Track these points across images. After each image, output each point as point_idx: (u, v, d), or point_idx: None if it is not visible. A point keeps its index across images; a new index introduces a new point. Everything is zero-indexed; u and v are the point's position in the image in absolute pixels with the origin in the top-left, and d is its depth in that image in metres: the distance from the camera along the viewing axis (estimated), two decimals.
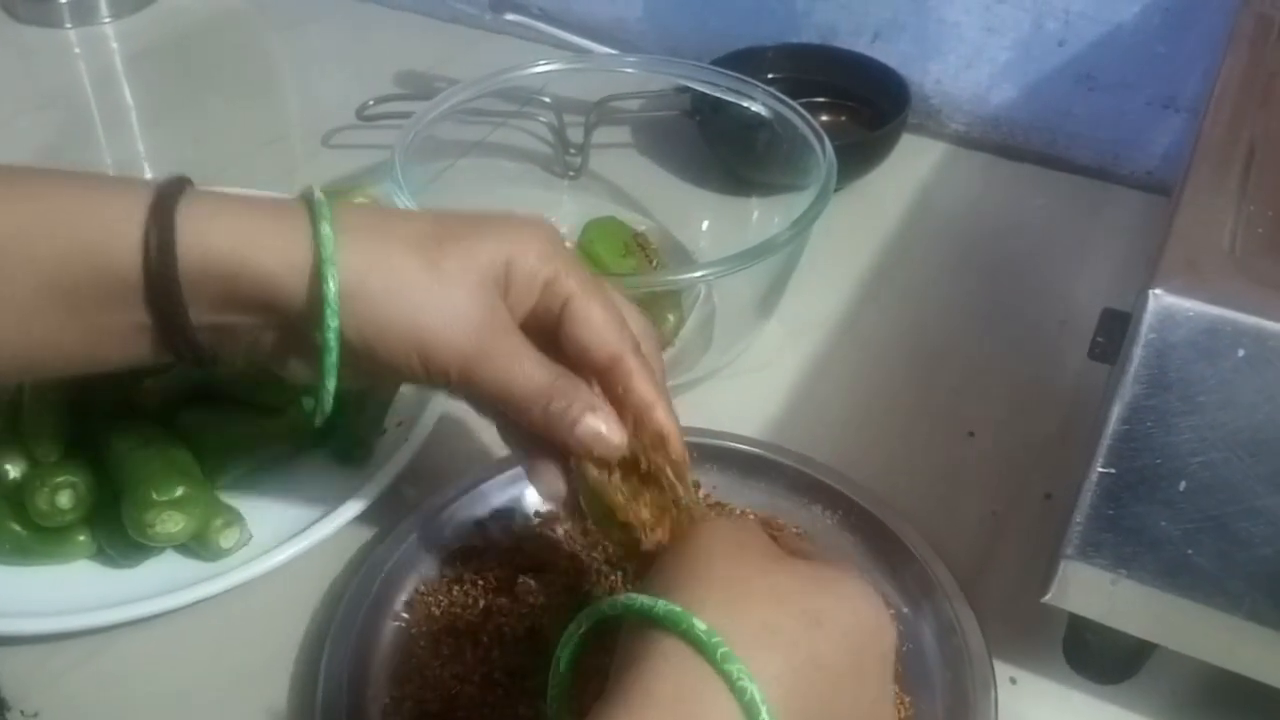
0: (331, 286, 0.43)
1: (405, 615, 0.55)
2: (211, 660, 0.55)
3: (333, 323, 0.44)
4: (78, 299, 0.44)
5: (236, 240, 0.44)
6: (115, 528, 0.56)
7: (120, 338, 0.45)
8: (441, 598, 0.55)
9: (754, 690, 0.35)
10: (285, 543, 0.57)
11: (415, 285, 0.45)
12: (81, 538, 0.57)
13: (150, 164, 0.92)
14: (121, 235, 0.43)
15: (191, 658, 0.55)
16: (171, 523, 0.55)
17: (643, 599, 0.38)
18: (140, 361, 0.47)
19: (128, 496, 0.55)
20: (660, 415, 0.47)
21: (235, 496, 0.59)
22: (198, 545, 0.57)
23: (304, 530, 0.57)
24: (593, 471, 0.46)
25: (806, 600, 0.39)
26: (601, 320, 0.47)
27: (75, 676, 0.54)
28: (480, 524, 0.59)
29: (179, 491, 0.55)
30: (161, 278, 0.43)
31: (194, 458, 0.57)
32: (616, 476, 0.46)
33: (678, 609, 0.37)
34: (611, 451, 0.45)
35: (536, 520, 0.60)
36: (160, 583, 0.56)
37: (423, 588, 0.56)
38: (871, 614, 0.40)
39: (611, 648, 0.39)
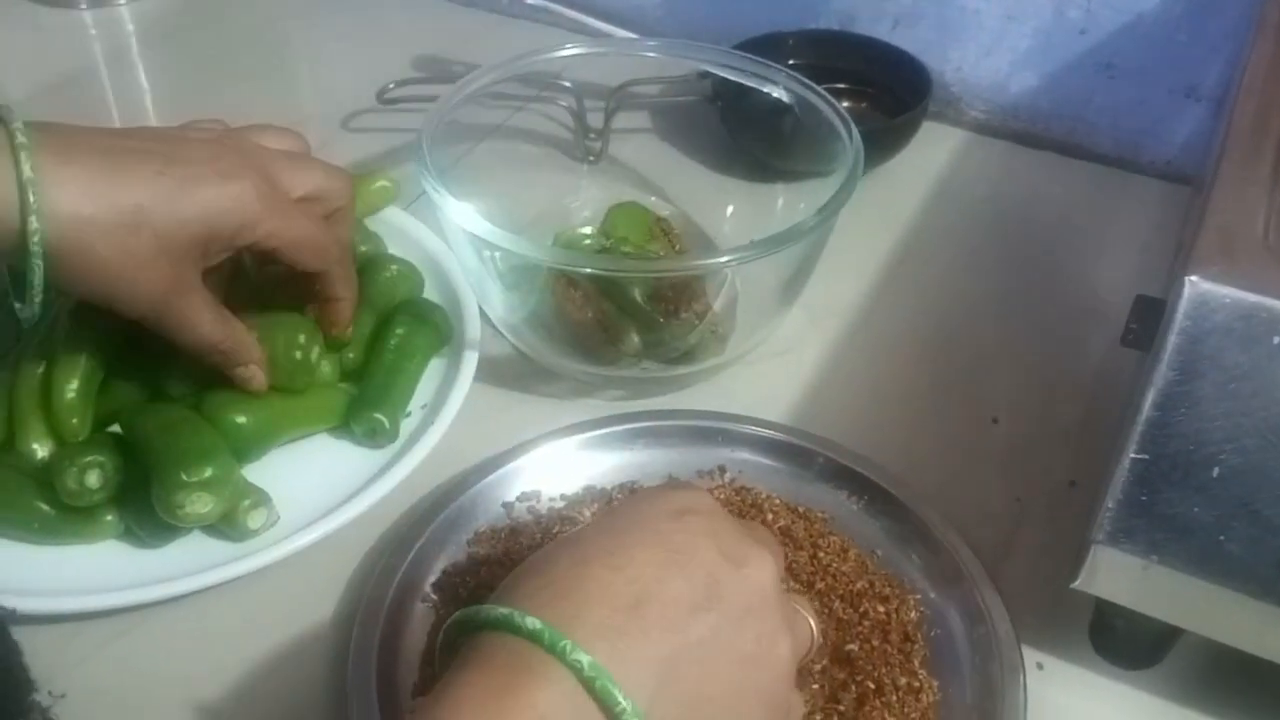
0: (37, 242, 0.50)
1: (434, 595, 0.55)
2: (239, 641, 0.55)
3: (38, 264, 0.50)
4: None
5: None
6: (143, 508, 0.56)
7: None
8: (469, 578, 0.56)
9: (567, 644, 0.36)
10: (312, 524, 0.57)
11: (110, 258, 0.52)
12: (109, 517, 0.57)
13: None
14: None
15: (219, 638, 0.55)
16: (201, 503, 0.55)
17: (461, 614, 0.39)
18: None
19: (157, 477, 0.55)
20: (343, 307, 0.63)
21: (263, 478, 0.59)
22: (225, 526, 0.57)
23: (331, 512, 0.58)
24: None
25: (631, 589, 0.39)
26: (306, 257, 0.59)
27: (102, 657, 0.54)
28: (507, 505, 0.59)
29: (208, 472, 0.55)
30: None
31: (222, 439, 0.57)
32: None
33: (488, 607, 0.38)
34: (256, 390, 0.60)
35: (562, 502, 0.60)
36: (188, 563, 0.57)
37: (450, 568, 0.56)
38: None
39: None
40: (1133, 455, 0.46)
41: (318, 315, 0.63)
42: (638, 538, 0.41)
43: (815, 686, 0.51)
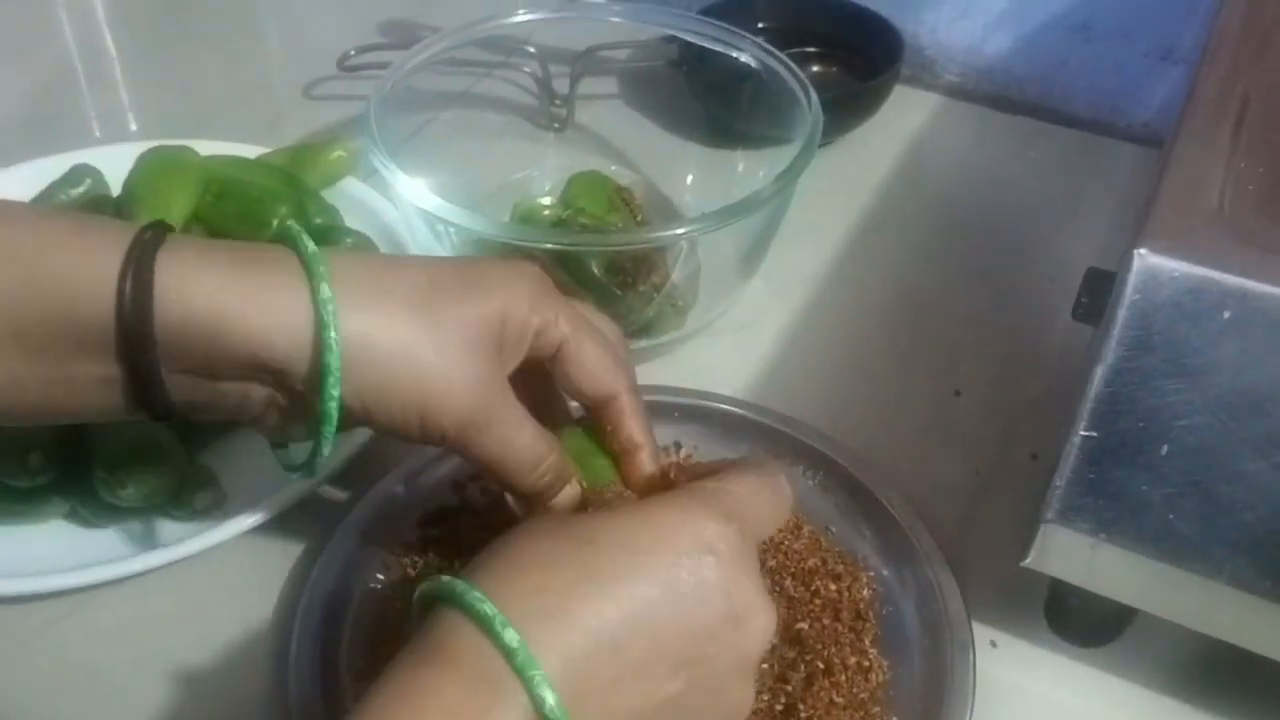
0: (335, 356, 0.42)
1: (381, 576, 0.54)
2: (186, 622, 0.54)
3: (334, 392, 0.42)
4: (42, 345, 0.41)
5: (222, 295, 0.42)
6: (87, 488, 0.56)
7: (86, 389, 0.43)
8: (418, 558, 0.55)
9: (538, 675, 0.35)
10: (260, 503, 0.56)
11: (418, 347, 0.43)
12: (54, 499, 0.57)
13: (134, 114, 0.91)
14: (94, 281, 0.41)
15: (166, 619, 0.55)
16: (143, 483, 0.54)
17: (448, 582, 0.37)
18: (108, 415, 0.44)
19: (98, 457, 0.54)
20: (644, 458, 0.48)
21: (209, 457, 0.59)
22: (171, 506, 0.56)
23: (279, 490, 0.57)
24: None
25: (584, 564, 0.38)
26: (594, 361, 0.47)
27: (48, 637, 0.54)
28: (459, 485, 0.58)
29: (150, 452, 0.54)
30: (136, 332, 0.41)
31: None
32: None
33: (453, 580, 0.37)
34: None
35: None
36: (134, 543, 0.56)
37: (399, 548, 0.55)
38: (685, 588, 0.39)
39: None
40: (1082, 432, 0.45)
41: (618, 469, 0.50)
42: (648, 570, 0.38)
43: (764, 666, 0.50)
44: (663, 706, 0.38)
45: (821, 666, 0.50)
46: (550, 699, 0.35)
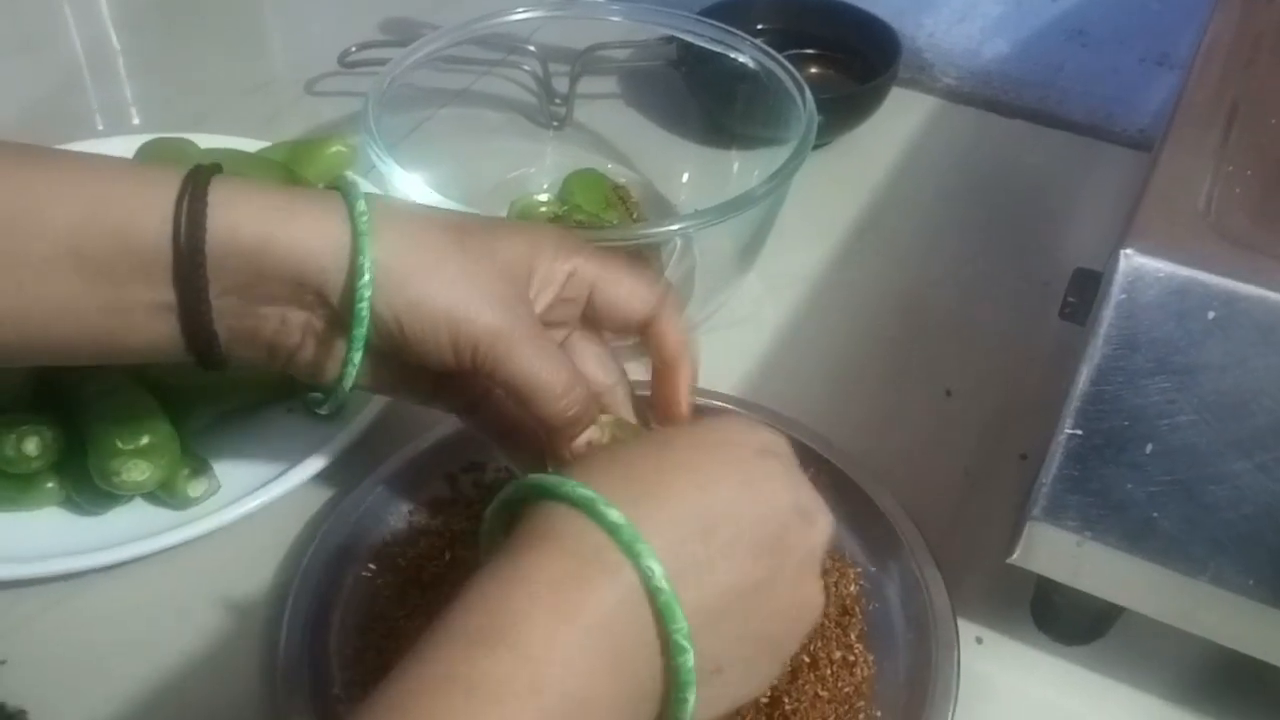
0: (367, 257, 0.43)
1: (372, 566, 0.55)
2: (179, 608, 0.55)
3: (366, 292, 0.44)
4: (101, 269, 0.43)
5: (268, 215, 0.44)
6: (83, 475, 0.56)
7: (139, 317, 0.44)
8: (409, 549, 0.55)
9: (645, 548, 0.35)
10: (254, 492, 0.57)
11: (449, 260, 0.45)
12: (49, 484, 0.57)
13: (138, 110, 0.91)
14: (153, 207, 0.43)
15: (159, 606, 0.55)
16: (137, 471, 0.54)
17: (538, 477, 0.38)
18: (156, 352, 0.46)
19: (93, 444, 0.55)
20: (684, 375, 0.50)
21: (204, 445, 0.59)
22: (165, 494, 0.57)
23: (273, 480, 0.57)
24: None
25: (707, 481, 0.39)
26: (630, 285, 0.49)
27: (42, 623, 0.54)
28: (451, 477, 0.59)
29: (145, 440, 0.54)
30: (190, 250, 0.43)
31: (161, 406, 0.57)
32: None
33: (566, 480, 0.37)
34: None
35: (507, 475, 0.59)
36: (128, 530, 0.56)
37: (390, 538, 0.56)
38: (785, 506, 0.40)
39: None
40: (1068, 430, 0.45)
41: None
42: (723, 462, 0.40)
43: None
44: (750, 592, 0.38)
45: (807, 660, 0.50)
46: (658, 570, 0.35)
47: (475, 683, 0.33)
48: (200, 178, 0.44)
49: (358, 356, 0.46)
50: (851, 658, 0.51)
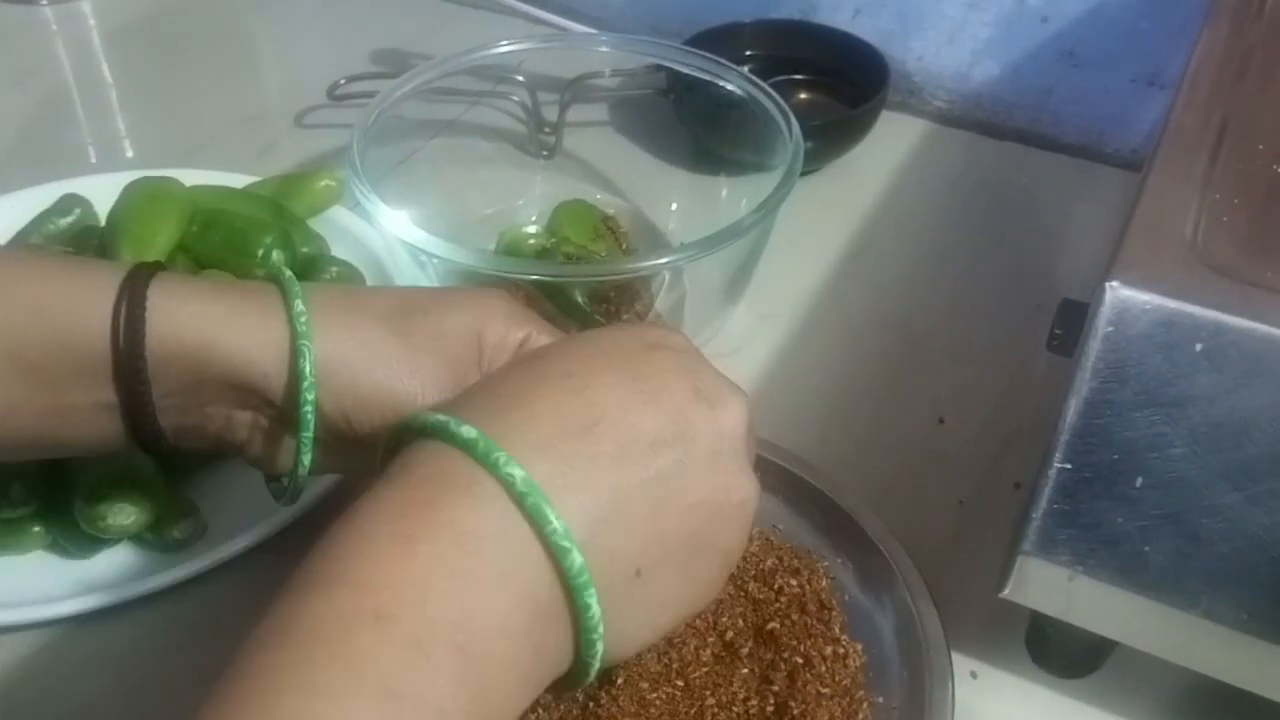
0: (308, 361, 0.43)
1: None
2: (168, 652, 0.54)
3: (309, 395, 0.44)
4: (40, 373, 0.43)
5: (208, 319, 0.44)
6: (69, 519, 0.55)
7: (82, 418, 0.44)
8: None
9: (501, 456, 0.34)
10: (241, 534, 0.56)
11: (391, 354, 0.45)
12: (36, 529, 0.57)
13: (131, 142, 0.91)
14: (91, 310, 0.43)
15: (147, 649, 0.54)
16: (123, 515, 0.54)
17: (408, 416, 0.37)
18: (100, 447, 0.46)
19: (78, 488, 0.54)
20: None
21: (190, 488, 0.59)
22: (152, 536, 0.56)
23: (259, 522, 0.57)
24: None
25: (585, 404, 0.37)
26: None
27: (28, 668, 0.54)
28: None
29: (130, 483, 0.54)
30: (129, 355, 0.43)
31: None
32: None
33: (435, 415, 0.36)
34: None
35: None
36: (115, 574, 0.56)
37: None
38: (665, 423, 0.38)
39: None
40: (1057, 464, 0.45)
41: None
42: (604, 363, 0.39)
43: (745, 671, 0.50)
44: (653, 484, 0.37)
45: (801, 661, 0.50)
46: (519, 473, 0.34)
47: (312, 627, 0.31)
48: (139, 280, 0.44)
49: (307, 458, 0.45)
50: (841, 650, 0.51)
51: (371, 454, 0.46)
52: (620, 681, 0.48)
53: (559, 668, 0.36)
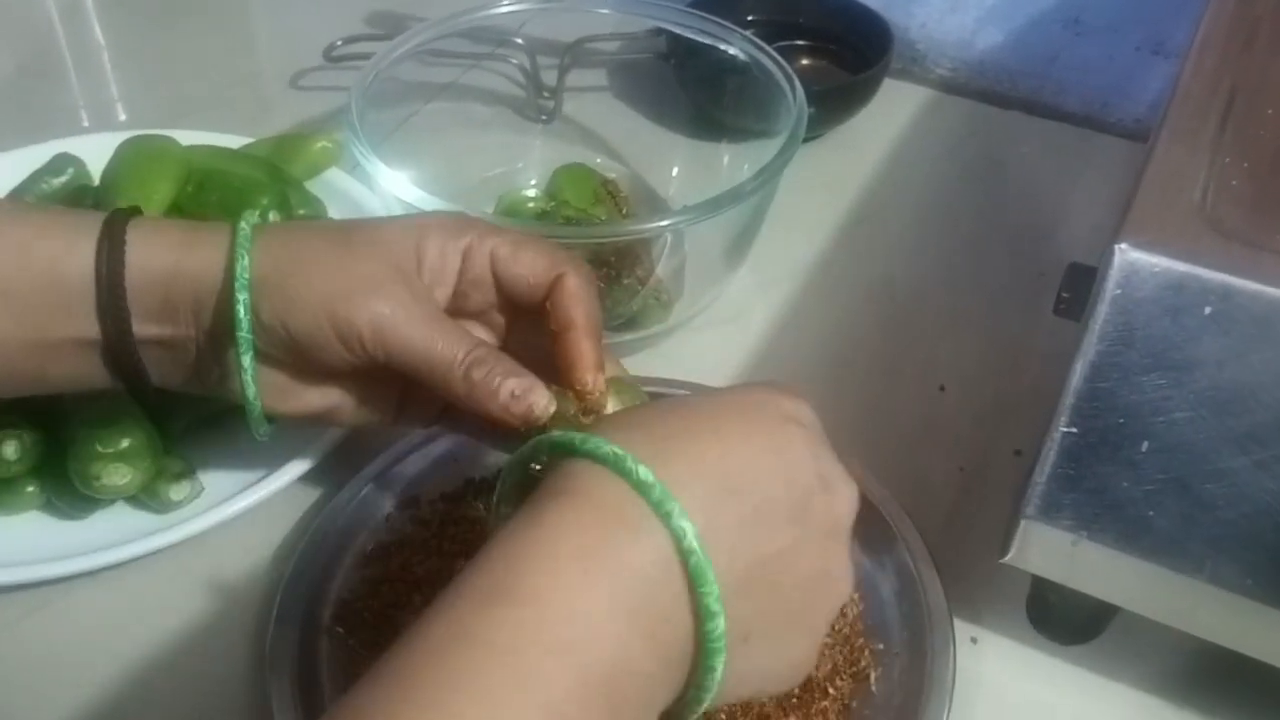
0: (241, 264, 0.46)
1: (339, 629, 0.52)
2: (162, 613, 0.54)
3: (242, 295, 0.46)
4: (27, 309, 0.46)
5: (175, 247, 0.47)
6: (64, 479, 0.55)
7: (66, 352, 0.48)
8: (372, 602, 0.53)
9: (676, 507, 0.34)
10: (237, 495, 0.56)
11: (324, 257, 0.47)
12: (30, 489, 0.56)
13: (124, 104, 0.90)
14: (76, 249, 0.46)
15: (142, 610, 0.54)
16: (118, 475, 0.54)
17: (560, 434, 0.37)
18: (82, 382, 0.49)
19: (73, 448, 0.54)
20: (579, 337, 0.47)
21: (186, 448, 0.58)
22: (147, 497, 0.56)
23: (257, 483, 0.56)
24: None
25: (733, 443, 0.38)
26: (532, 250, 0.49)
27: (24, 628, 0.53)
28: (389, 519, 0.57)
29: (125, 443, 0.54)
30: (110, 285, 0.46)
31: (142, 409, 0.56)
32: None
33: (595, 438, 0.36)
34: (536, 418, 0.45)
35: (443, 503, 0.57)
36: (110, 535, 0.55)
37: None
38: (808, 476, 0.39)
39: None
40: (1062, 428, 0.45)
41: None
42: (748, 425, 0.39)
43: None
44: (775, 559, 0.37)
45: None
46: (690, 530, 0.34)
47: (494, 640, 0.31)
48: (118, 221, 0.47)
49: (246, 360, 0.47)
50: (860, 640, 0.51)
51: (320, 375, 0.48)
52: None
53: (656, 715, 0.37)
